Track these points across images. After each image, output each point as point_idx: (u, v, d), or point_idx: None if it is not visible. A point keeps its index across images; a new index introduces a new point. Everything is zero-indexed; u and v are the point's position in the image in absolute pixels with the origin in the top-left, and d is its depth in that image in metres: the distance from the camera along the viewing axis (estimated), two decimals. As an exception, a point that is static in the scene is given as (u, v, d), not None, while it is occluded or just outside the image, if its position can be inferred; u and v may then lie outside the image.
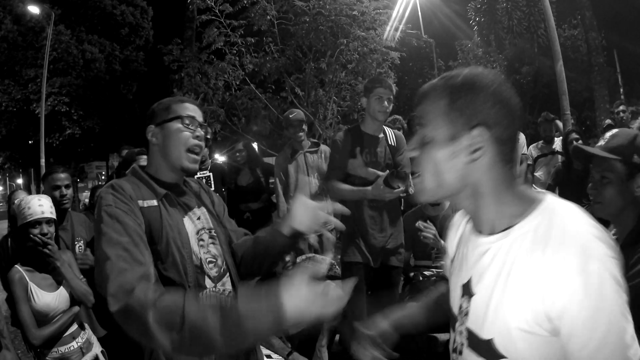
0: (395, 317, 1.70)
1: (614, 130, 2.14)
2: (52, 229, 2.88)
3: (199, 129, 1.87)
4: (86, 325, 3.02)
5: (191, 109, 1.88)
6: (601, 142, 2.06)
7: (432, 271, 3.83)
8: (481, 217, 1.17)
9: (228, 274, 1.85)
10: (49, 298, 2.75)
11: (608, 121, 7.16)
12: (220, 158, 10.59)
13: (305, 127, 4.85)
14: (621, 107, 6.58)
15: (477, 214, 1.18)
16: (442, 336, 3.92)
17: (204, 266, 1.76)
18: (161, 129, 1.85)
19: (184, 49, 10.17)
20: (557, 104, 9.51)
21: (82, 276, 3.04)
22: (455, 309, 1.25)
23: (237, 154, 5.54)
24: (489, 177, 1.12)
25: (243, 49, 9.40)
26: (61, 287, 2.85)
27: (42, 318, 2.71)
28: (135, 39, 28.71)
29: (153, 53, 21.16)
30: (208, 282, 1.75)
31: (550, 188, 5.20)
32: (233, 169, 5.61)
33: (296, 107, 8.70)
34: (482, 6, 22.36)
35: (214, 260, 1.82)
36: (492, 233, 1.14)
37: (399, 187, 3.30)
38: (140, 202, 1.68)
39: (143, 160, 3.52)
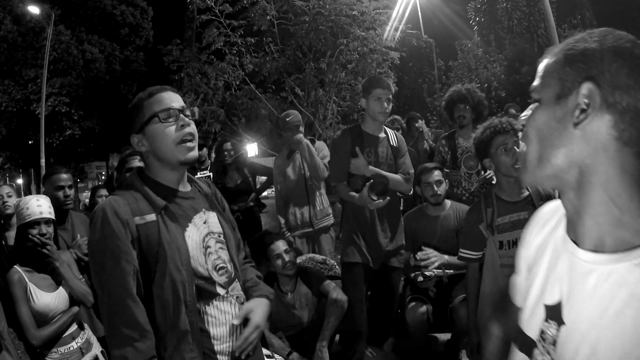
0: None
1: None
2: (50, 229, 2.88)
3: (181, 116, 1.72)
4: (86, 326, 3.02)
5: (165, 99, 1.73)
6: None
7: (433, 272, 3.83)
8: (584, 222, 0.88)
9: (237, 279, 1.84)
10: (48, 298, 2.75)
11: None
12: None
13: (302, 128, 4.83)
14: None
15: (579, 216, 0.89)
16: (442, 336, 3.93)
17: (213, 275, 1.72)
18: (143, 134, 1.73)
19: (184, 49, 10.18)
20: (557, 103, 9.50)
21: (81, 276, 3.03)
22: (533, 331, 0.99)
23: (226, 153, 5.53)
24: (602, 159, 0.83)
25: (243, 49, 9.41)
26: (60, 287, 2.84)
27: (42, 318, 2.70)
28: (135, 39, 28.71)
29: (153, 53, 21.17)
30: (220, 289, 1.73)
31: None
32: (220, 169, 5.62)
33: (296, 107, 8.71)
34: (482, 6, 22.42)
35: (224, 265, 1.78)
36: (598, 249, 0.85)
37: (377, 200, 3.32)
38: (136, 218, 1.62)
39: (136, 161, 3.52)
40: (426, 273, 3.79)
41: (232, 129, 9.81)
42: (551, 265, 0.98)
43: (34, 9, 21.93)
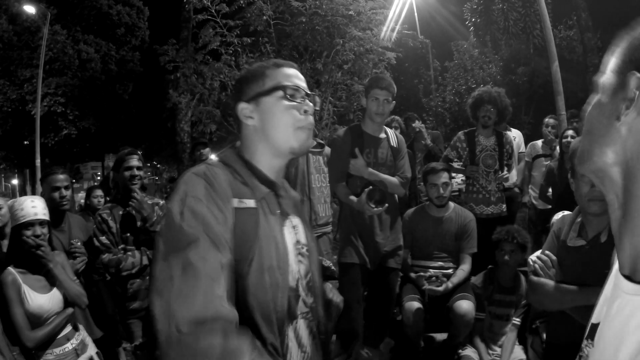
0: None
1: None
2: (45, 231, 2.87)
3: (306, 100, 1.45)
4: (81, 327, 3.01)
5: (293, 75, 1.47)
6: None
7: (430, 271, 3.84)
8: (622, 241, 0.74)
9: (308, 295, 1.47)
10: (42, 300, 2.74)
11: None
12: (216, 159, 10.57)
13: None
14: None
15: (619, 232, 0.76)
16: (438, 336, 3.93)
17: (300, 287, 1.40)
18: (256, 105, 1.45)
19: (180, 50, 10.15)
20: (552, 104, 9.54)
21: (75, 277, 3.02)
22: (583, 343, 0.90)
23: None
24: None
25: (239, 49, 9.38)
26: (54, 288, 2.83)
27: (36, 320, 2.69)
28: (131, 39, 28.63)
29: (149, 53, 21.14)
30: (301, 307, 1.40)
31: (543, 189, 5.20)
32: None
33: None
34: (478, 7, 22.43)
35: (302, 281, 1.45)
36: (632, 276, 0.72)
37: (374, 208, 3.32)
38: (234, 200, 1.28)
39: (135, 160, 3.51)
40: (425, 273, 3.80)
41: (227, 129, 9.78)
42: (609, 284, 0.87)
43: (29, 9, 21.82)
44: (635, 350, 0.66)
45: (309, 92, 1.47)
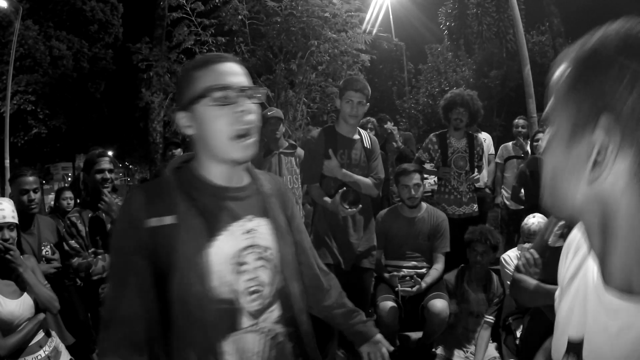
0: None
1: None
2: (13, 234, 2.80)
3: (241, 100, 1.30)
4: (53, 333, 2.94)
5: (223, 72, 1.30)
6: None
7: (403, 271, 3.88)
8: (612, 261, 0.74)
9: (277, 304, 1.42)
10: (13, 305, 2.66)
11: None
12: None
13: (282, 126, 4.77)
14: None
15: (605, 254, 0.76)
16: (413, 335, 3.96)
17: (240, 300, 1.32)
18: (190, 113, 1.32)
19: (154, 48, 10.04)
20: (524, 107, 9.67)
21: (46, 282, 2.96)
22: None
23: None
24: (624, 199, 0.69)
25: (213, 49, 9.32)
26: (25, 293, 2.76)
27: (7, 327, 2.61)
28: (104, 36, 28.15)
29: (122, 51, 20.82)
30: (244, 321, 1.33)
31: (516, 190, 5.28)
32: None
33: (265, 108, 8.68)
34: (453, 11, 22.71)
35: (260, 289, 1.36)
36: (626, 290, 0.72)
37: (349, 209, 3.33)
38: (152, 220, 1.27)
39: (105, 163, 3.47)
40: (399, 273, 3.83)
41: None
42: (579, 295, 0.86)
43: (1, 2, 21.32)
44: None
45: (244, 86, 1.31)
